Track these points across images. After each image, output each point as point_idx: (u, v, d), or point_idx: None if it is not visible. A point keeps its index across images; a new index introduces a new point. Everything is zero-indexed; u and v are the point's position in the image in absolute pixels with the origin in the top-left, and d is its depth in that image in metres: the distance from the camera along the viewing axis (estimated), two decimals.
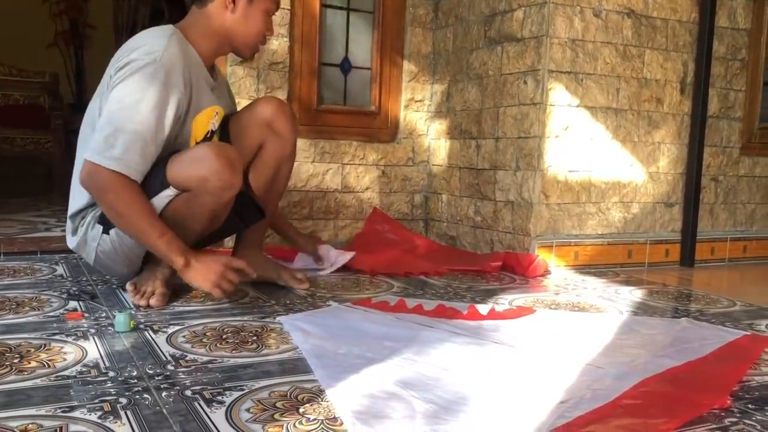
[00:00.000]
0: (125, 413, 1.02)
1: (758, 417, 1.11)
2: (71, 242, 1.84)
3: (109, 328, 1.48)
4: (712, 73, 2.69)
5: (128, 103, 1.58)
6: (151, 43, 1.64)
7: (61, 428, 0.96)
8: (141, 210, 1.59)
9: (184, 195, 1.64)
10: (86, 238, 1.77)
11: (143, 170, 1.61)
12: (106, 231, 1.73)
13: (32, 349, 1.30)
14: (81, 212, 1.78)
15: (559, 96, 2.41)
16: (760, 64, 2.91)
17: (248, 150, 1.90)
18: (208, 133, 1.82)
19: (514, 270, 2.36)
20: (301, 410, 1.05)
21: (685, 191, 2.72)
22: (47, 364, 1.22)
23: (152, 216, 1.61)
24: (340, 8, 2.87)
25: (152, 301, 1.68)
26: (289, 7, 2.68)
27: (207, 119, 1.81)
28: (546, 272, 2.36)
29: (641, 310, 1.90)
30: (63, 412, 1.01)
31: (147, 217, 1.59)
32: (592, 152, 2.50)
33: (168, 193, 1.64)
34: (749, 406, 1.16)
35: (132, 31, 6.77)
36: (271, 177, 1.96)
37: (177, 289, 1.87)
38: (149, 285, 1.73)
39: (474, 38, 2.75)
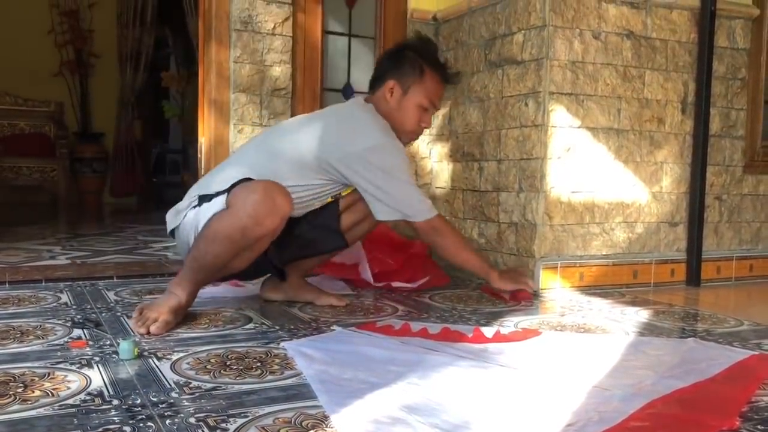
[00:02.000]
0: None
1: None
2: (173, 218, 1.93)
3: (114, 355, 1.47)
4: (712, 93, 2.70)
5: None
6: (375, 130, 1.98)
7: None
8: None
9: (224, 211, 1.75)
10: (186, 211, 1.89)
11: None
12: (198, 204, 1.85)
13: (36, 378, 1.30)
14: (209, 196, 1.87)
15: (561, 117, 2.42)
16: (761, 83, 2.92)
17: (357, 216, 2.11)
18: None
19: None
20: None
21: (689, 210, 2.71)
22: (51, 393, 1.22)
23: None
24: (342, 34, 2.91)
25: (152, 328, 1.68)
26: (291, 35, 2.71)
27: None
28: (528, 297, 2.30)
29: (648, 330, 1.88)
30: None
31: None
32: (595, 173, 2.51)
33: (221, 200, 1.78)
34: (758, 427, 1.14)
35: (137, 60, 6.87)
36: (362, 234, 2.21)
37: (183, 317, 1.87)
38: (154, 311, 1.72)
39: (475, 62, 2.77)
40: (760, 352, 1.65)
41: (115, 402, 1.19)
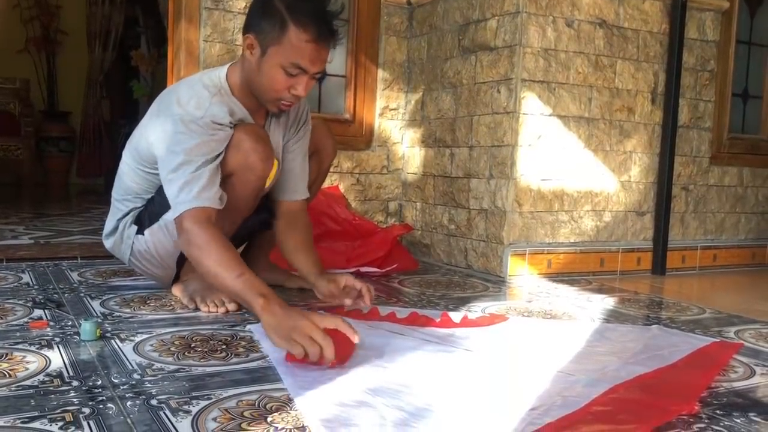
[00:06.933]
0: (88, 423, 0.99)
1: (726, 423, 1.12)
2: (108, 242, 1.92)
3: (75, 336, 1.45)
4: (682, 84, 2.73)
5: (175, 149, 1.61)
6: (194, 104, 1.64)
7: None
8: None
9: (230, 180, 1.67)
10: (122, 236, 1.85)
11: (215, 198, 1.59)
12: (140, 231, 1.80)
13: None
14: (126, 215, 1.85)
15: (532, 105, 2.43)
16: (729, 75, 2.97)
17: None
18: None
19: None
20: (269, 419, 1.04)
21: (657, 200, 2.75)
22: (8, 374, 1.19)
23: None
24: None
25: (230, 307, 1.74)
26: None
27: None
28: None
29: (613, 317, 1.91)
30: (22, 422, 0.99)
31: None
32: (565, 161, 2.52)
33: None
34: (717, 412, 1.16)
35: (106, 38, 6.74)
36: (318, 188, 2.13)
37: (147, 297, 1.85)
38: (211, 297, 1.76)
39: (448, 47, 2.76)
40: (721, 340, 1.68)
41: (75, 383, 1.16)
